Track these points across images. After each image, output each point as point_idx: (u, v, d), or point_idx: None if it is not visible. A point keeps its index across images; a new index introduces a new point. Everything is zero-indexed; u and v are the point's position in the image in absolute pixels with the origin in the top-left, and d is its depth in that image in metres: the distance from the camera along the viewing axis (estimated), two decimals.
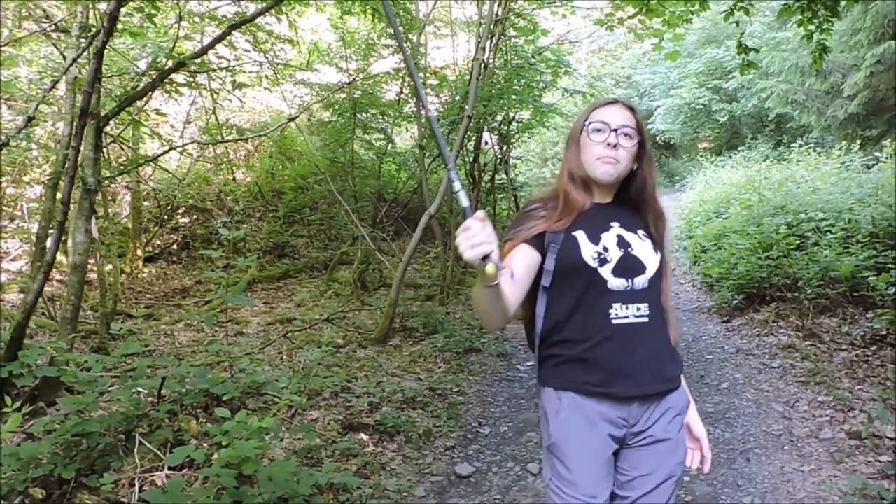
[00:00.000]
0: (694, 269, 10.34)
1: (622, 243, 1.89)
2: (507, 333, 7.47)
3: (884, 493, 3.30)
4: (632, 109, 1.93)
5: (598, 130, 1.89)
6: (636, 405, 1.84)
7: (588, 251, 1.85)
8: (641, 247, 1.91)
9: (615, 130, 1.87)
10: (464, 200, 1.55)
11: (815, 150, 13.81)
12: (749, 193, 10.32)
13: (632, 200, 1.99)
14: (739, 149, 20.86)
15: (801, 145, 14.22)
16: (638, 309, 1.85)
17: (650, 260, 1.90)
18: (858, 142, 12.59)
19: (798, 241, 7.33)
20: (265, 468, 3.18)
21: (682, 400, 1.94)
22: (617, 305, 1.83)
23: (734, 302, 7.57)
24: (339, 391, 4.96)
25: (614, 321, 1.82)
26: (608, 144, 1.87)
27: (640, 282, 1.86)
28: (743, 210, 9.58)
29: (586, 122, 1.91)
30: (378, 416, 4.57)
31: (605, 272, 1.84)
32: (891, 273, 5.70)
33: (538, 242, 1.87)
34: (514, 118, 11.04)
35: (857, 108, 12.92)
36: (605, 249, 1.86)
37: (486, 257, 1.45)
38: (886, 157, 8.73)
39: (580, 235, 1.87)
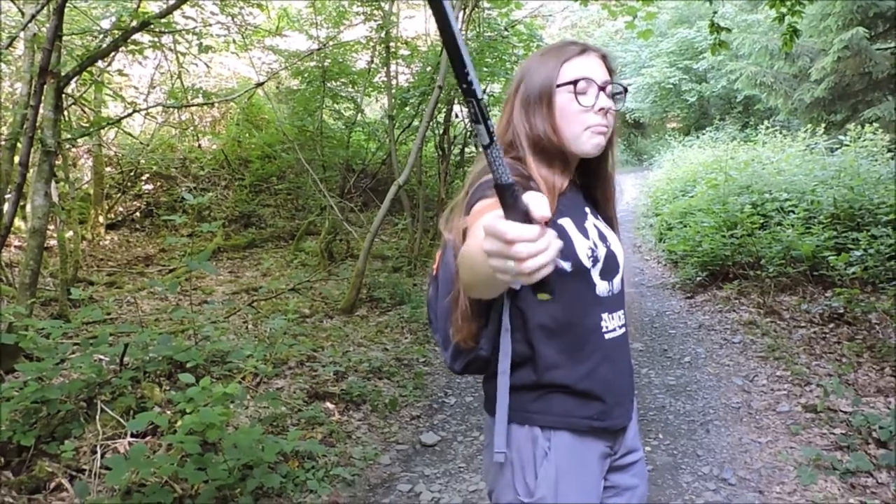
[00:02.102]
0: (659, 245, 10.47)
1: (602, 236, 1.48)
2: None
3: (836, 464, 3.40)
4: (605, 58, 1.49)
5: (584, 93, 1.43)
6: (621, 433, 1.53)
7: (582, 247, 1.40)
8: (614, 239, 1.52)
9: (603, 90, 1.44)
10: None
11: (781, 133, 14.01)
12: (715, 173, 10.46)
13: (589, 178, 1.57)
14: (707, 129, 21.06)
15: (767, 127, 14.41)
16: (620, 318, 1.49)
17: (622, 254, 1.52)
18: (823, 125, 12.77)
19: (762, 221, 7.46)
20: (230, 436, 3.17)
21: (635, 416, 1.62)
22: (606, 316, 1.45)
23: (698, 279, 7.68)
24: (305, 360, 4.94)
25: (606, 336, 1.44)
26: (601, 110, 1.43)
27: (617, 283, 1.48)
28: (709, 189, 9.70)
29: (565, 80, 1.44)
30: (344, 386, 4.57)
31: (595, 275, 1.43)
32: (850, 253, 5.82)
33: None
34: (485, 90, 10.97)
35: (824, 93, 13.09)
36: (595, 245, 1.44)
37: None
38: (849, 141, 8.87)
39: (567, 224, 1.42)
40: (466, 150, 11.65)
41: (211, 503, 2.90)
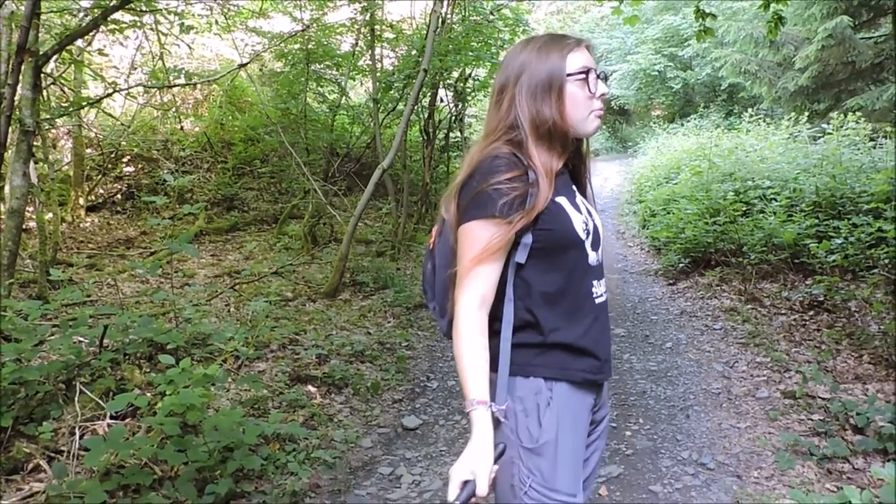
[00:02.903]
0: (643, 232, 10.52)
1: (589, 212, 1.67)
2: None
3: (814, 450, 3.44)
4: (589, 47, 1.66)
5: (585, 81, 1.61)
6: (604, 385, 1.72)
7: (578, 222, 1.58)
8: (595, 213, 1.70)
9: (598, 77, 1.62)
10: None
11: (764, 121, 14.06)
12: (699, 160, 10.49)
13: (572, 158, 1.71)
14: (692, 117, 21.12)
15: (751, 115, 14.45)
16: (603, 285, 1.67)
17: (601, 227, 1.70)
18: (806, 114, 12.84)
19: (744, 208, 7.49)
20: (210, 418, 3.16)
21: None
22: (595, 283, 1.63)
23: (680, 265, 7.73)
24: (288, 344, 4.92)
25: (596, 301, 1.62)
26: (601, 96, 1.62)
27: (600, 253, 1.67)
28: (692, 176, 9.74)
29: (574, 71, 1.58)
30: (326, 369, 4.57)
31: (587, 245, 1.60)
32: (831, 241, 5.87)
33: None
34: (470, 75, 10.94)
35: (807, 81, 13.14)
36: (587, 219, 1.63)
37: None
38: (832, 130, 8.92)
39: (564, 203, 1.58)
40: (451, 134, 11.63)
41: (191, 485, 2.89)
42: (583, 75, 1.58)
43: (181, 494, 2.87)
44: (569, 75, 1.57)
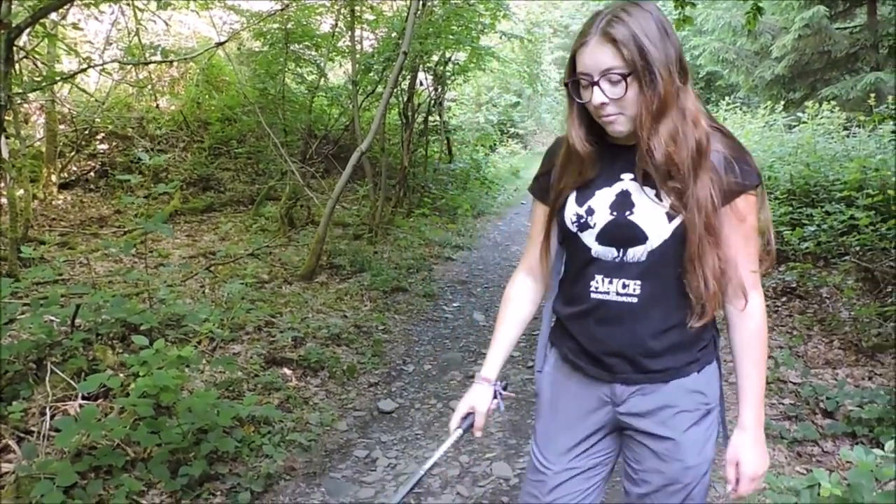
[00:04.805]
0: None
1: (622, 204, 1.49)
2: (434, 274, 7.51)
3: (784, 433, 3.49)
4: (614, 41, 1.39)
5: (579, 85, 1.48)
6: (618, 385, 1.59)
7: (570, 213, 1.55)
8: (651, 210, 1.47)
9: (596, 84, 1.42)
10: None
11: (741, 109, 14.17)
12: None
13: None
14: None
15: (728, 103, 14.57)
16: (624, 286, 1.51)
17: (656, 227, 1.46)
18: (782, 103, 12.97)
19: None
20: (184, 399, 3.13)
21: (689, 400, 1.58)
22: (599, 277, 1.53)
23: None
24: (263, 326, 4.89)
25: (593, 295, 1.54)
26: (598, 105, 1.43)
27: (636, 254, 1.49)
28: None
29: (567, 78, 1.50)
30: (302, 352, 4.55)
31: (588, 238, 1.53)
32: (804, 229, 5.94)
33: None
34: (450, 59, 10.89)
35: (784, 70, 13.28)
36: (590, 212, 1.52)
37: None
38: (807, 119, 9.02)
39: (573, 193, 1.56)
40: (430, 118, 11.58)
41: (164, 466, 2.87)
42: (571, 82, 1.49)
43: (154, 476, 2.86)
44: (564, 84, 1.52)
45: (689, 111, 1.44)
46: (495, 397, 1.72)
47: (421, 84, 10.98)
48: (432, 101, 11.36)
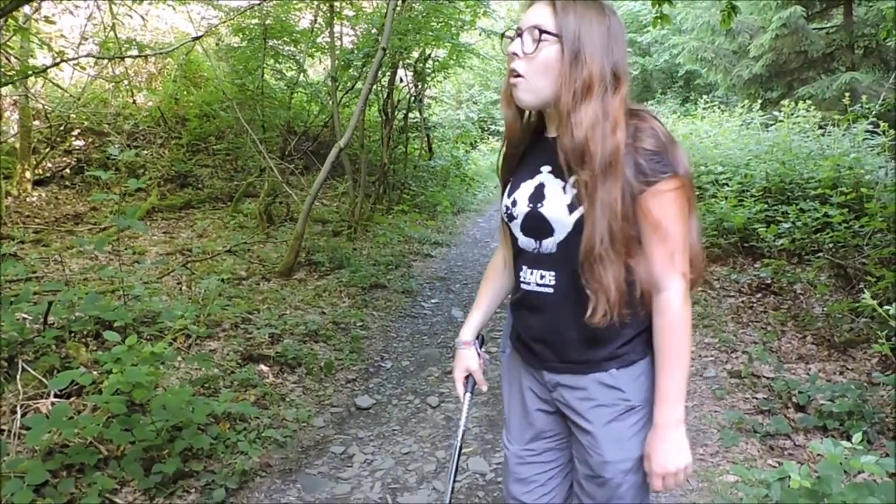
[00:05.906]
0: None
1: (537, 196, 1.52)
2: (413, 271, 7.50)
3: (757, 427, 3.54)
4: (554, 6, 1.42)
5: (509, 38, 1.49)
6: (546, 373, 1.63)
7: (503, 204, 1.62)
8: (557, 202, 1.49)
9: (519, 36, 1.44)
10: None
11: (719, 108, 14.28)
12: None
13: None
14: (649, 102, 21.36)
15: (706, 102, 14.67)
16: (542, 277, 1.54)
17: (561, 219, 1.48)
18: (760, 102, 13.08)
19: (697, 193, 7.60)
20: (158, 397, 3.11)
21: (607, 395, 1.56)
22: (525, 268, 1.58)
23: None
24: (240, 322, 4.86)
25: (522, 285, 1.59)
26: (510, 55, 1.46)
27: (548, 245, 1.52)
28: None
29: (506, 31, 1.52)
30: (279, 348, 4.52)
31: (515, 229, 1.58)
32: (779, 226, 6.01)
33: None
34: (430, 56, 10.87)
35: (761, 70, 13.42)
36: (514, 203, 1.57)
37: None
38: (783, 118, 9.10)
39: (508, 185, 1.63)
40: (410, 115, 11.56)
41: (137, 464, 2.85)
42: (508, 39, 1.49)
43: (127, 474, 2.83)
44: (501, 35, 1.53)
45: (611, 115, 1.39)
46: (479, 356, 1.85)
47: (401, 81, 10.96)
48: (412, 98, 11.35)
